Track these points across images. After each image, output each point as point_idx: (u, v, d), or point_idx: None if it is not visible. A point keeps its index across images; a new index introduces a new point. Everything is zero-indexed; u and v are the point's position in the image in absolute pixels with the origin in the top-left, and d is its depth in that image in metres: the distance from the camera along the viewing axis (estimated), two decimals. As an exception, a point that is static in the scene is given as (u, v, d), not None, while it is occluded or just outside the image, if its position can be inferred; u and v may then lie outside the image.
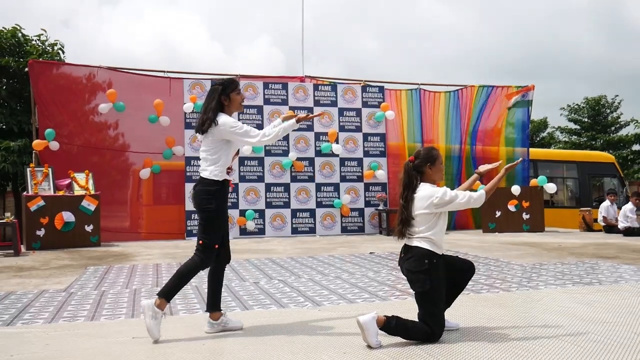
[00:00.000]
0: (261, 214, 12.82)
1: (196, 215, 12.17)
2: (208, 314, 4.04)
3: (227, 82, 4.13)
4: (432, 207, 3.73)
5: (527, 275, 6.49)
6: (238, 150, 4.30)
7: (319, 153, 13.29)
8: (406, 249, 3.83)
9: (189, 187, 12.42)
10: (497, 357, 3.27)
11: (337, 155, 13.34)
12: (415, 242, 3.74)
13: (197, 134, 4.15)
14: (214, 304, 4.02)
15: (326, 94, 13.53)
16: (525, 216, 12.89)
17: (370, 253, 9.05)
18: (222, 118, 4.00)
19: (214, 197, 3.98)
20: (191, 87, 12.77)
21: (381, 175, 13.50)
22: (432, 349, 3.44)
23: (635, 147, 37.93)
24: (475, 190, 3.98)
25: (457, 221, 14.43)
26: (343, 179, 13.42)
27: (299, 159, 13.11)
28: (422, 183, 3.85)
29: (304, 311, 4.71)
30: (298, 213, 13.07)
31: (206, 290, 4.07)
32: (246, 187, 12.78)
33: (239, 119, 5.90)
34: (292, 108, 13.12)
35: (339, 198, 13.27)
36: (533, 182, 13.56)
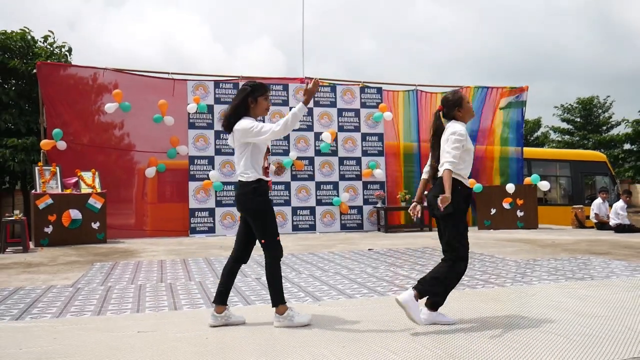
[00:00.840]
0: (262, 211, 13.05)
1: (200, 212, 12.39)
2: (212, 308, 4.16)
3: (257, 85, 4.23)
4: (458, 143, 4.03)
5: (521, 270, 6.63)
6: (268, 149, 4.33)
7: (318, 152, 13.54)
8: (434, 181, 4.24)
9: (192, 186, 12.71)
10: (492, 349, 3.37)
11: (335, 155, 13.59)
12: (440, 174, 4.07)
13: (226, 132, 4.25)
14: (221, 298, 4.12)
15: (326, 94, 13.78)
16: (519, 213, 13.14)
17: (369, 249, 9.24)
18: (241, 122, 4.07)
19: (258, 196, 4.08)
20: (194, 88, 13.03)
21: (379, 174, 13.76)
22: (427, 342, 3.57)
23: (626, 146, 38.25)
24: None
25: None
26: (342, 177, 13.69)
27: (299, 158, 13.37)
28: (452, 122, 4.19)
29: (305, 306, 4.80)
30: (298, 211, 13.35)
31: (209, 286, 4.18)
32: (248, 186, 13.01)
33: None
34: (292, 109, 13.38)
35: (338, 196, 13.54)
36: (527, 180, 13.81)
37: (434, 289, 3.99)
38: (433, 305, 4.04)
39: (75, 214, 10.68)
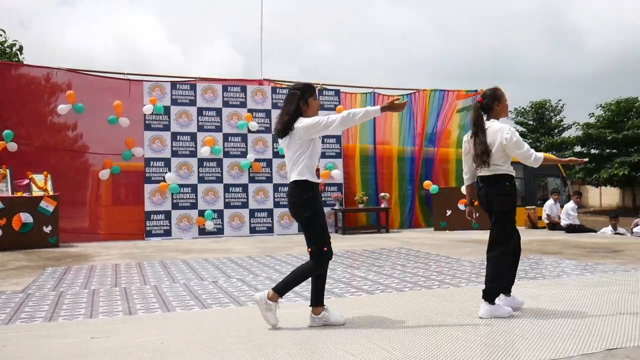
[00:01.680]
0: (220, 214, 13.00)
1: (155, 215, 12.23)
2: (169, 312, 4.13)
3: (305, 87, 4.19)
4: (503, 140, 4.31)
5: (476, 271, 6.74)
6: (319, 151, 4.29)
7: (276, 154, 13.52)
8: (482, 179, 4.51)
9: (148, 188, 12.54)
10: (448, 349, 3.38)
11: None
12: (493, 172, 4.40)
13: (279, 138, 4.19)
14: (316, 300, 4.12)
15: (284, 96, 13.71)
16: (474, 214, 13.33)
17: (327, 252, 9.28)
18: (303, 120, 4.04)
19: (310, 201, 4.02)
20: (151, 89, 12.85)
21: (337, 175, 13.81)
22: (383, 343, 3.59)
23: (577, 149, 39.45)
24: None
25: (410, 219, 14.90)
26: (300, 179, 13.66)
27: (257, 160, 13.33)
28: (491, 119, 4.47)
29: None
30: (256, 213, 13.30)
31: (165, 290, 4.07)
32: (205, 188, 12.94)
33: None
34: (250, 111, 13.35)
35: (296, 198, 13.50)
36: (482, 182, 14.06)
37: (500, 284, 4.31)
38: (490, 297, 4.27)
39: (26, 217, 10.42)
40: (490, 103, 4.49)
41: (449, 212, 13.37)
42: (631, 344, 3.41)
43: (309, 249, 4.06)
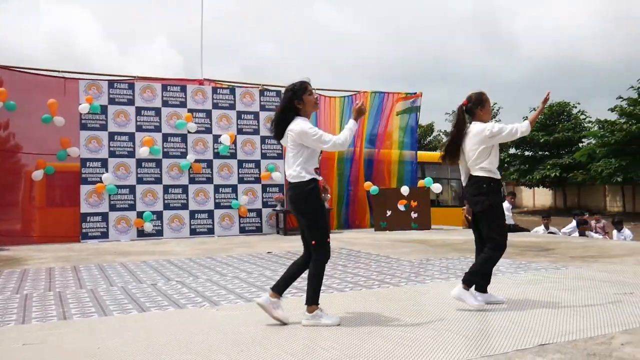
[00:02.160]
0: (159, 215, 12.78)
1: (92, 217, 11.93)
2: (105, 317, 4.05)
3: (297, 84, 4.23)
4: (487, 139, 4.52)
5: (415, 270, 6.85)
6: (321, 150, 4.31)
7: (217, 155, 13.39)
8: (469, 177, 4.68)
9: (84, 189, 12.21)
10: (387, 348, 3.44)
11: (234, 157, 13.50)
12: (475, 172, 4.58)
13: (276, 140, 4.32)
14: (280, 287, 4.21)
15: (225, 97, 13.65)
16: (413, 215, 13.59)
17: (268, 252, 9.25)
18: (299, 124, 4.11)
19: (311, 196, 4.10)
20: (87, 87, 12.47)
21: (278, 176, 13.78)
22: (324, 342, 3.62)
23: (512, 151, 40.75)
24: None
25: (351, 220, 15.03)
26: (241, 180, 13.61)
27: (197, 160, 13.17)
28: (473, 122, 4.67)
29: (202, 311, 4.75)
30: (196, 214, 13.14)
31: (102, 294, 4.00)
32: (144, 189, 12.70)
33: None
34: (190, 111, 13.18)
35: (237, 199, 13.45)
36: (420, 183, 14.34)
37: (477, 268, 4.54)
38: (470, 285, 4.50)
39: (-47, 219, 9.99)
40: (473, 107, 4.70)
41: (389, 213, 13.55)
42: (562, 339, 3.54)
43: (313, 242, 4.12)
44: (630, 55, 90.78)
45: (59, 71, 12.79)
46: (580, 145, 39.70)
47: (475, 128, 4.63)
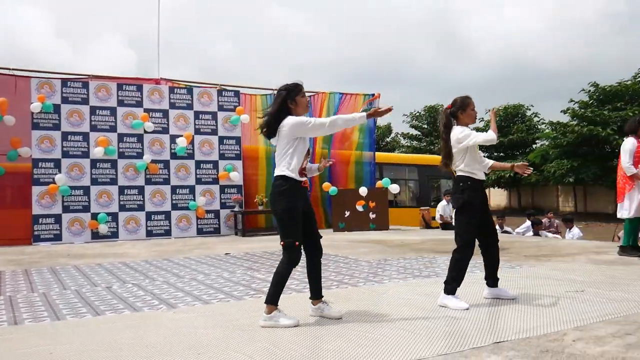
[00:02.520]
0: (114, 217, 12.55)
1: (44, 219, 11.65)
2: (58, 321, 3.95)
3: (291, 86, 4.28)
4: (456, 144, 4.71)
5: (373, 270, 6.88)
6: (309, 150, 4.29)
7: (174, 155, 13.23)
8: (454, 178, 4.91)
9: (36, 190, 11.91)
10: (344, 348, 3.44)
11: (192, 158, 13.37)
12: (457, 172, 4.81)
13: (269, 139, 4.33)
14: (315, 292, 4.31)
15: (182, 97, 13.49)
16: (371, 215, 13.68)
17: (226, 254, 9.20)
18: (291, 118, 4.15)
19: (282, 197, 4.10)
20: (39, 86, 12.15)
21: (236, 177, 13.71)
22: (282, 344, 3.60)
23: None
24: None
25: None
26: (199, 181, 13.48)
27: (153, 161, 12.98)
28: (455, 125, 4.81)
29: (159, 314, 4.68)
30: (153, 215, 12.95)
31: (55, 297, 3.92)
32: (98, 190, 12.45)
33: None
34: (147, 110, 12.98)
35: (194, 200, 13.32)
36: (378, 183, 14.45)
37: (451, 274, 4.61)
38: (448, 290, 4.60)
39: None
40: (455, 111, 4.84)
41: (347, 213, 13.61)
42: (517, 336, 3.60)
43: (281, 242, 4.15)
44: (579, 58, 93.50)
45: (9, 69, 12.42)
46: (534, 146, 40.67)
47: (453, 131, 4.80)
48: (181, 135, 13.22)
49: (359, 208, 13.60)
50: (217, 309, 4.80)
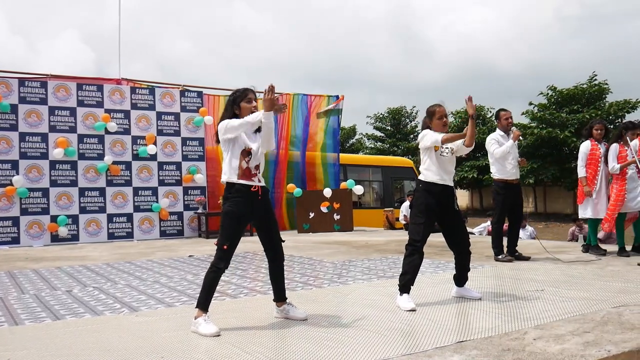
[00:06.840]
0: (75, 219, 12.32)
1: (1, 222, 11.37)
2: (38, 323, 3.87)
3: (238, 92, 4.29)
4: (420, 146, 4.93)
5: (337, 271, 6.88)
6: (250, 151, 4.18)
7: (136, 157, 13.06)
8: None
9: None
10: (309, 349, 3.44)
11: (155, 159, 13.21)
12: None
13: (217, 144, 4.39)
14: (278, 295, 4.33)
15: (144, 97, 13.31)
16: (336, 217, 13.72)
17: (190, 256, 9.12)
18: (220, 124, 4.19)
19: (226, 201, 4.14)
20: (-5, 85, 11.90)
21: (200, 179, 13.61)
22: (247, 345, 3.58)
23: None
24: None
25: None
26: (162, 182, 13.33)
27: (115, 162, 12.78)
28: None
29: (120, 318, 4.60)
30: (114, 218, 12.75)
31: (13, 302, 3.87)
32: (58, 192, 12.20)
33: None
34: (107, 111, 12.77)
35: (157, 202, 13.16)
36: (343, 185, 14.49)
37: (404, 278, 4.73)
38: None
39: None
40: (426, 118, 4.99)
41: (311, 215, 13.61)
42: (479, 335, 3.65)
43: (215, 242, 4.19)
44: (536, 61, 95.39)
45: (-38, 67, 12.10)
46: (495, 148, 41.18)
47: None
48: (143, 137, 13.06)
49: (324, 209, 13.62)
50: (181, 312, 4.74)
